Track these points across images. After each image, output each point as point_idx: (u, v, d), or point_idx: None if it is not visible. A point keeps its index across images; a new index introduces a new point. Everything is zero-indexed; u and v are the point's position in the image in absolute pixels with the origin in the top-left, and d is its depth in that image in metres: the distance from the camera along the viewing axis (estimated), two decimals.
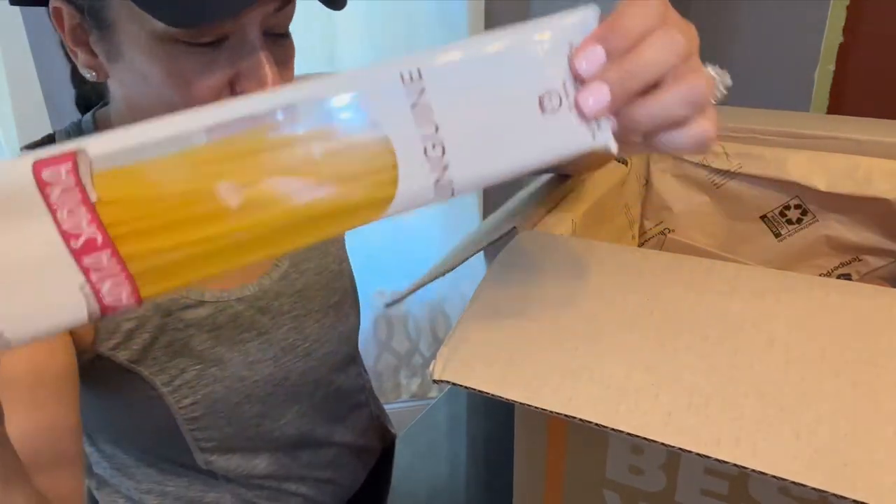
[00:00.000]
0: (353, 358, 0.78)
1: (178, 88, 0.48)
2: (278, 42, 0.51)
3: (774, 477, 0.29)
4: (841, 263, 0.74)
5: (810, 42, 1.58)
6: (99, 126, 0.58)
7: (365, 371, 0.83)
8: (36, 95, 1.32)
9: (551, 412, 0.33)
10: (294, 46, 0.54)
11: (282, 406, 0.67)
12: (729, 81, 0.36)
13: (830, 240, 0.73)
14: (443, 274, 0.53)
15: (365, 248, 1.71)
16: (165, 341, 0.59)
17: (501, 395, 0.34)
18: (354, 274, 0.78)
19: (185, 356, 0.59)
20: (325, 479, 0.74)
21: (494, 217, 0.62)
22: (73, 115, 1.46)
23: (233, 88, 0.49)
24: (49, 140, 0.58)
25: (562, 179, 0.64)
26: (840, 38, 1.51)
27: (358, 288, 0.97)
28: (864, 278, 0.74)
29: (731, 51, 1.73)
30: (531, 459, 0.47)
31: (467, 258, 0.52)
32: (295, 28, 0.61)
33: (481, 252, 0.52)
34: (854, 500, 0.28)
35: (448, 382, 0.36)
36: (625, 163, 0.71)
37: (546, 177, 0.67)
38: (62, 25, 0.50)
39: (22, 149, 0.59)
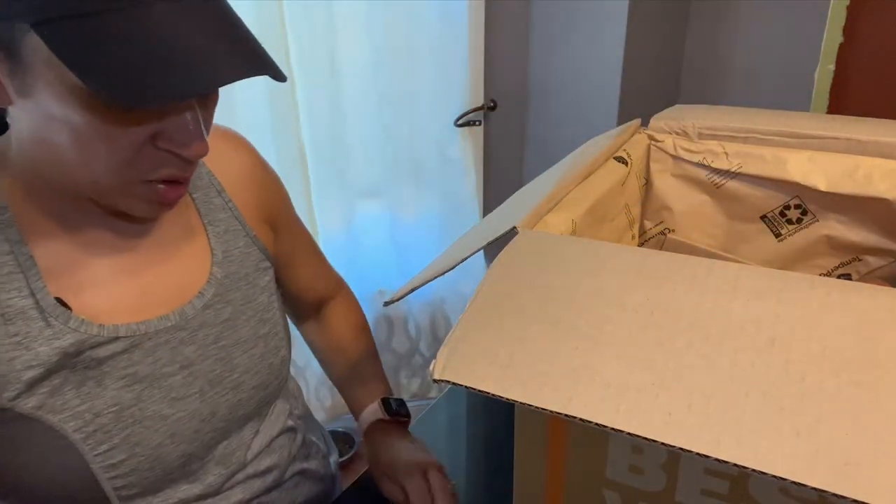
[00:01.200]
0: (283, 388, 0.74)
1: (96, 139, 0.46)
2: (207, 95, 0.50)
3: (774, 477, 0.29)
4: (841, 263, 0.74)
5: (810, 42, 1.58)
6: None
7: (294, 396, 0.79)
8: None
9: (552, 412, 0.33)
10: (218, 92, 0.52)
11: (209, 443, 0.63)
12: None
13: (830, 240, 0.73)
14: (442, 273, 0.53)
15: (365, 248, 1.71)
16: (76, 381, 0.54)
17: (501, 395, 0.34)
18: (356, 274, 0.77)
19: (100, 398, 0.55)
20: None
21: (494, 216, 0.62)
22: None
23: (154, 143, 0.48)
24: None
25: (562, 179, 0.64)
26: (840, 38, 1.51)
27: (358, 288, 0.97)
28: (864, 278, 0.74)
29: (731, 51, 1.73)
30: (531, 459, 0.47)
31: (466, 258, 0.52)
32: (294, 26, 0.60)
33: (481, 252, 0.52)
34: (854, 500, 0.28)
35: (448, 382, 0.35)
36: (625, 163, 0.71)
37: (544, 176, 0.67)
38: None
39: None
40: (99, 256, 0.57)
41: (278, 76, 0.47)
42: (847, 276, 0.75)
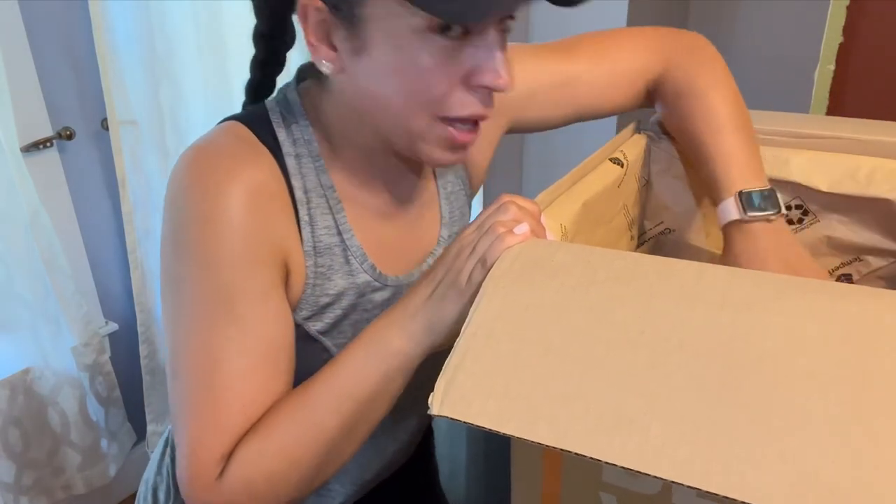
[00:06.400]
0: None
1: (420, 78, 0.52)
2: (504, 38, 0.55)
3: None
4: (842, 263, 0.74)
5: (810, 42, 1.58)
6: (305, 106, 0.61)
7: None
8: (36, 95, 1.32)
9: (548, 446, 0.34)
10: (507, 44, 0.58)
11: (425, 378, 0.69)
12: None
13: (831, 240, 0.73)
14: None
15: None
16: (354, 319, 0.63)
17: (498, 430, 0.35)
18: None
19: None
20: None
21: None
22: (70, 113, 1.46)
23: (468, 80, 0.53)
24: (263, 117, 0.60)
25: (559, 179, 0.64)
26: (840, 38, 1.51)
27: None
28: (864, 278, 0.74)
29: (731, 51, 1.73)
30: (529, 462, 0.47)
31: None
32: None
33: None
34: None
35: (447, 417, 0.36)
36: (620, 164, 0.71)
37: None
38: (306, 20, 0.54)
39: (232, 119, 0.60)
40: (375, 211, 0.64)
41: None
42: (847, 276, 0.75)
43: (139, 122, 1.40)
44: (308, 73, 0.64)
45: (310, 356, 0.61)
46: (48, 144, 1.35)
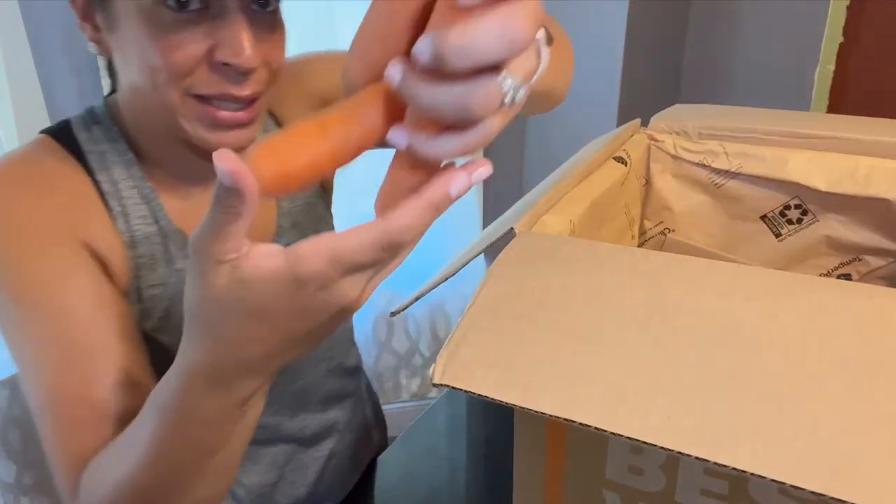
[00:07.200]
0: (351, 343, 0.80)
1: (163, 56, 0.50)
2: (261, 16, 0.53)
3: (773, 480, 0.29)
4: (841, 263, 0.74)
5: (810, 42, 1.58)
6: (110, 109, 0.62)
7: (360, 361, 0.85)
8: (36, 95, 1.32)
9: (550, 416, 0.33)
10: (283, 24, 0.56)
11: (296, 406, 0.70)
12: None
13: (830, 240, 0.73)
14: (444, 280, 0.53)
15: None
16: (180, 312, 0.55)
17: (501, 399, 0.34)
18: None
19: None
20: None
21: (496, 223, 0.62)
22: (70, 113, 1.46)
23: (212, 57, 0.51)
24: (65, 125, 0.62)
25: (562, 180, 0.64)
26: (840, 38, 1.51)
27: None
28: (864, 278, 0.74)
29: (731, 51, 1.73)
30: (531, 460, 0.47)
31: (467, 262, 0.52)
32: (292, 17, 0.61)
33: (481, 254, 0.52)
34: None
35: (448, 386, 0.36)
36: (624, 163, 0.71)
37: (546, 180, 0.67)
38: (74, 1, 0.55)
39: (41, 132, 0.62)
40: (198, 198, 0.63)
41: None
42: (847, 276, 0.75)
43: None
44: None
45: (154, 362, 0.58)
46: None
